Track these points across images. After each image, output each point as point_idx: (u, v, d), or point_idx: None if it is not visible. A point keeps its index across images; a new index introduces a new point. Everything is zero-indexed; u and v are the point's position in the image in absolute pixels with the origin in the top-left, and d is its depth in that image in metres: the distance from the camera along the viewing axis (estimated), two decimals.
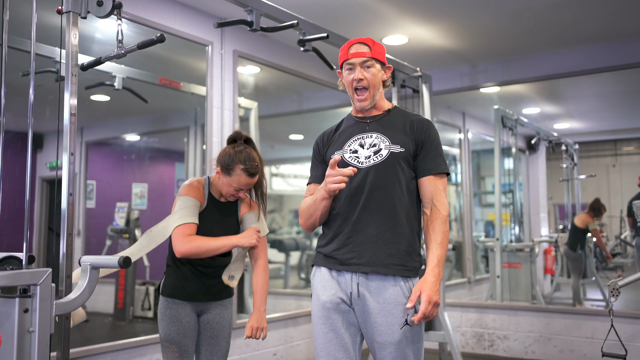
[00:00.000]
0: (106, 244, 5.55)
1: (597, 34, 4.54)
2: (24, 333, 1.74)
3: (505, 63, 5.21)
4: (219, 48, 4.06)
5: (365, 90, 2.05)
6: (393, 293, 1.93)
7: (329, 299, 1.99)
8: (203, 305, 2.46)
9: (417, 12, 4.06)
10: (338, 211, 2.02)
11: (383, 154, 2.00)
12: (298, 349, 4.52)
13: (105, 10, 2.16)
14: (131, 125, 5.96)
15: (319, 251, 2.09)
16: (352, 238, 1.98)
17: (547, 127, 7.13)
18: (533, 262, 5.67)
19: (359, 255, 1.96)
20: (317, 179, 2.16)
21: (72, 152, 2.14)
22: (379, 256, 1.94)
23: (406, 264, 1.96)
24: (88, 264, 2.02)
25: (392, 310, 1.92)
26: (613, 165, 8.08)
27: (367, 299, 1.95)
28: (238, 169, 2.36)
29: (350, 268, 1.97)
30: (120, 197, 5.74)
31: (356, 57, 2.03)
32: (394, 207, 1.97)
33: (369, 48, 2.04)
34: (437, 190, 1.99)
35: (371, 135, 2.05)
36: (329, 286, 2.01)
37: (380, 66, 2.08)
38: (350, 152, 2.05)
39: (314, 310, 2.03)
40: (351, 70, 2.05)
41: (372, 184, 1.98)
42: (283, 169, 9.12)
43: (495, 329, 4.96)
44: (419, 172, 2.02)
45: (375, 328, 1.93)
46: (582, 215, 6.29)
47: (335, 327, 1.97)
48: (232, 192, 2.42)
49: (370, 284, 1.95)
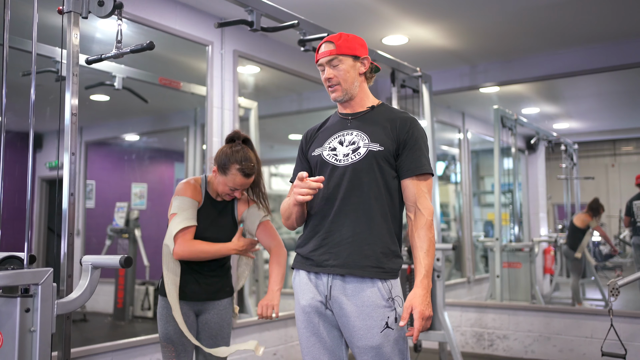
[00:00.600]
0: (106, 244, 5.55)
1: (596, 34, 4.55)
2: (25, 333, 1.74)
3: (504, 63, 5.22)
4: (219, 48, 4.06)
5: (337, 86, 2.00)
6: (371, 295, 1.87)
7: (307, 302, 1.96)
8: (201, 305, 2.47)
9: (417, 12, 4.07)
10: (315, 211, 1.99)
11: (361, 152, 1.93)
12: (298, 349, 4.52)
13: (106, 11, 2.16)
14: (131, 125, 5.96)
15: (297, 252, 2.05)
16: (328, 239, 1.93)
17: (546, 127, 7.13)
18: (532, 262, 5.68)
19: (335, 257, 1.91)
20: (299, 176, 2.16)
21: (73, 152, 2.14)
22: (354, 258, 1.89)
23: (383, 266, 1.90)
24: (89, 264, 2.03)
25: (371, 313, 1.86)
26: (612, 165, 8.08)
27: (343, 302, 1.89)
28: (234, 169, 2.37)
29: (326, 270, 1.92)
30: (120, 197, 5.74)
31: (322, 57, 1.99)
32: (371, 207, 1.91)
33: (333, 45, 1.97)
34: (420, 192, 1.92)
35: (351, 132, 2.00)
36: (307, 290, 1.97)
37: (353, 59, 1.99)
38: (329, 149, 2.00)
39: (296, 315, 2.01)
40: (322, 71, 2.03)
41: (348, 183, 1.92)
42: (282, 169, 9.12)
43: (495, 329, 4.96)
44: (401, 173, 1.95)
45: (355, 332, 1.88)
46: (581, 215, 6.30)
47: (317, 331, 1.94)
48: (228, 192, 2.42)
49: (347, 287, 1.90)
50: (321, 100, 5.93)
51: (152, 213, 5.80)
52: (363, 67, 2.03)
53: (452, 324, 4.97)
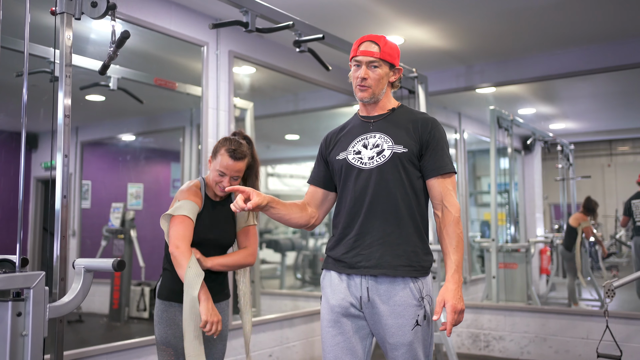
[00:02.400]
0: (101, 245, 5.53)
1: (592, 35, 4.55)
2: (17, 337, 1.73)
3: (501, 64, 5.22)
4: (215, 49, 4.05)
5: (368, 87, 2.03)
6: (403, 296, 1.93)
7: (337, 303, 2.00)
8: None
9: (412, 13, 4.06)
10: (344, 214, 2.03)
11: (386, 154, 1.98)
12: (294, 350, 4.51)
13: (100, 12, 2.15)
14: (126, 125, 5.94)
15: (328, 255, 2.09)
16: (359, 241, 1.98)
17: (542, 128, 7.14)
18: (529, 263, 5.68)
19: (367, 258, 1.96)
20: (314, 180, 2.19)
21: (66, 154, 2.12)
22: (386, 258, 1.94)
23: (414, 265, 1.96)
24: (82, 267, 2.01)
25: (403, 312, 1.93)
26: (608, 165, 8.09)
27: (377, 303, 1.95)
28: (222, 150, 2.37)
29: (360, 271, 1.97)
30: (116, 197, 5.72)
31: (363, 56, 2.02)
32: (399, 207, 1.96)
33: (378, 48, 2.01)
34: (446, 190, 1.98)
35: (374, 135, 2.04)
36: (338, 290, 2.01)
37: (389, 68, 2.05)
38: (354, 153, 2.04)
39: (323, 314, 2.04)
40: (357, 68, 2.04)
41: (375, 185, 1.97)
42: (279, 169, 9.11)
43: (491, 330, 4.96)
44: (425, 173, 2.01)
45: (387, 330, 1.94)
46: (576, 215, 6.31)
47: (344, 331, 1.98)
48: (217, 179, 2.38)
49: (380, 287, 1.95)
50: (317, 101, 5.93)
51: (148, 213, 5.78)
52: (394, 77, 2.09)
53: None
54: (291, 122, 6.98)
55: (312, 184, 2.20)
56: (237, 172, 2.40)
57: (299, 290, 7.25)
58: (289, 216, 2.08)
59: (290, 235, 8.77)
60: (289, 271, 7.86)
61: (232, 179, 2.39)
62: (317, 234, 8.57)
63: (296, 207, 2.11)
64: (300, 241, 8.00)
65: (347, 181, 2.04)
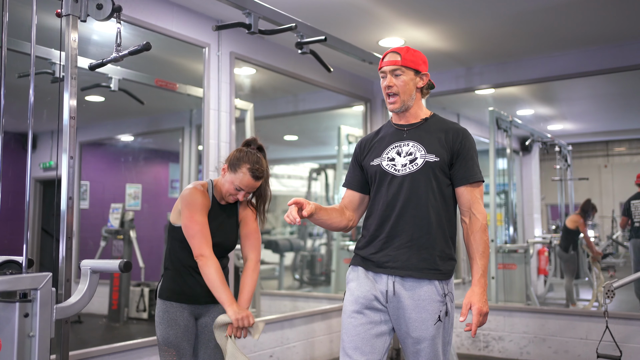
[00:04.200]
0: (100, 245, 5.53)
1: (590, 37, 4.57)
2: (24, 338, 1.73)
3: (500, 65, 5.24)
4: (216, 50, 4.05)
5: (396, 95, 2.12)
6: (427, 290, 2.02)
7: (363, 294, 2.08)
8: (201, 308, 2.45)
9: (413, 15, 4.08)
10: (375, 217, 2.12)
11: (419, 162, 2.07)
12: (294, 350, 4.52)
13: (105, 14, 2.16)
14: (125, 125, 5.94)
15: (356, 253, 2.18)
16: (388, 243, 2.07)
17: (540, 129, 7.17)
18: (527, 263, 5.70)
19: (394, 259, 2.05)
20: (349, 183, 2.28)
21: (71, 156, 2.13)
22: (412, 261, 2.03)
23: (439, 268, 2.04)
24: (88, 268, 2.02)
25: (426, 306, 2.01)
26: (605, 166, 8.15)
27: (402, 296, 2.03)
28: (244, 168, 2.38)
29: (387, 271, 2.06)
30: (114, 197, 5.72)
31: (387, 66, 2.13)
32: (428, 214, 2.05)
33: (400, 56, 2.12)
34: (474, 198, 2.07)
35: (408, 143, 2.13)
36: (364, 283, 2.10)
37: (414, 74, 2.13)
38: (388, 159, 2.14)
39: (346, 305, 2.11)
40: (384, 79, 2.14)
41: (407, 191, 2.06)
42: (277, 170, 9.12)
43: (490, 330, 4.98)
44: (455, 181, 2.10)
45: (410, 324, 2.02)
46: (573, 216, 6.33)
47: (365, 322, 2.06)
48: (232, 192, 2.40)
49: (406, 284, 2.04)
50: (316, 102, 5.94)
51: (146, 214, 5.78)
52: (421, 82, 2.16)
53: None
54: (290, 123, 6.99)
55: (349, 188, 2.28)
56: (252, 189, 2.43)
57: (298, 291, 7.26)
58: (330, 221, 2.16)
59: (288, 236, 8.78)
60: (287, 271, 7.87)
61: (247, 193, 2.42)
62: (314, 235, 8.59)
63: (336, 212, 2.19)
64: (298, 242, 8.01)
65: (380, 186, 2.13)
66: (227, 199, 2.46)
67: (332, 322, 4.91)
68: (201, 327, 2.47)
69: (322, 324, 4.84)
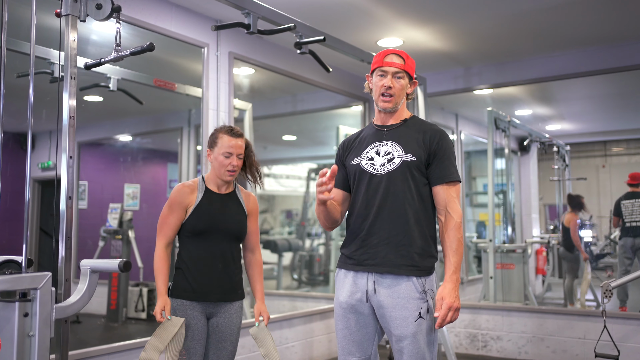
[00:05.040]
0: (99, 245, 5.52)
1: (588, 37, 4.58)
2: (24, 337, 1.73)
3: (498, 66, 5.25)
4: (215, 50, 4.05)
5: (391, 96, 2.18)
6: (406, 288, 2.07)
7: (345, 300, 2.16)
8: (213, 306, 2.45)
9: (412, 15, 4.08)
10: (355, 214, 2.19)
11: (396, 162, 2.14)
12: (293, 350, 4.52)
13: (105, 14, 2.16)
14: (124, 125, 5.94)
15: (342, 252, 2.26)
16: (367, 240, 2.14)
17: (539, 129, 7.18)
18: (526, 263, 5.70)
19: (373, 257, 2.12)
20: (336, 182, 2.30)
21: (70, 155, 2.13)
22: (390, 257, 2.09)
23: (417, 265, 2.10)
24: (87, 268, 2.02)
25: (406, 304, 2.06)
26: (603, 166, 8.15)
27: (381, 295, 2.09)
28: (220, 134, 2.47)
29: (366, 268, 2.12)
30: (113, 198, 5.71)
31: (390, 67, 2.18)
32: (405, 211, 2.11)
33: (403, 61, 2.19)
34: (450, 197, 2.12)
35: (387, 143, 2.20)
36: (347, 288, 2.17)
37: (409, 79, 2.23)
38: (367, 159, 2.20)
39: (335, 308, 2.23)
40: (382, 77, 2.19)
41: (385, 190, 2.12)
42: (275, 170, 9.12)
43: (488, 330, 4.99)
44: (432, 180, 2.15)
45: (392, 322, 2.08)
46: (568, 215, 6.33)
47: (350, 325, 2.15)
48: (225, 163, 2.45)
49: (384, 281, 2.09)
50: (315, 102, 5.94)
51: (145, 214, 5.77)
52: (410, 89, 2.26)
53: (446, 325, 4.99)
54: (289, 123, 6.99)
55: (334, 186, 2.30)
56: (240, 150, 2.48)
57: (296, 291, 7.26)
58: (334, 211, 2.21)
59: (286, 236, 8.78)
60: (285, 272, 7.87)
61: (238, 157, 2.47)
62: (313, 235, 8.59)
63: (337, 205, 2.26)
64: (297, 242, 8.01)
65: (360, 185, 2.19)
66: (225, 177, 2.49)
67: (331, 322, 4.91)
68: (212, 328, 2.47)
69: (321, 323, 4.84)
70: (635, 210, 5.50)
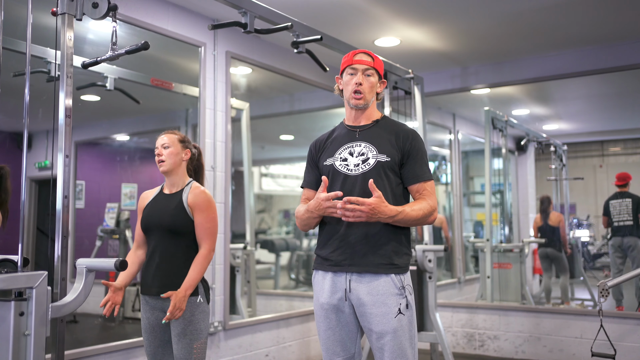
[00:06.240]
0: (96, 245, 5.51)
1: (585, 37, 4.59)
2: (20, 336, 1.73)
3: (495, 65, 5.25)
4: (212, 49, 4.05)
5: (362, 94, 2.21)
6: (385, 285, 2.10)
7: (325, 300, 2.17)
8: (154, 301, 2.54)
9: (409, 15, 4.08)
10: (331, 216, 2.15)
11: (370, 162, 2.16)
12: (290, 350, 4.52)
13: (101, 12, 2.15)
14: (121, 125, 5.92)
15: (317, 254, 2.26)
16: (344, 241, 2.15)
17: (536, 129, 7.19)
18: (523, 263, 5.71)
19: (351, 257, 2.13)
20: (309, 183, 2.34)
21: (67, 155, 2.13)
22: (368, 257, 2.11)
23: (395, 263, 2.13)
24: (84, 267, 2.02)
25: (385, 300, 2.09)
26: (600, 166, 8.16)
27: (360, 293, 2.11)
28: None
29: (344, 269, 2.14)
30: (110, 197, 5.70)
31: (360, 64, 2.22)
32: None
33: (372, 59, 2.24)
34: (426, 191, 2.18)
35: (360, 144, 2.22)
36: (326, 289, 2.18)
37: (378, 78, 2.27)
38: (341, 159, 2.22)
39: (315, 310, 2.24)
40: (353, 75, 2.22)
41: (360, 190, 2.13)
42: (273, 169, 9.12)
43: (485, 329, 4.99)
44: (406, 180, 2.20)
45: (372, 319, 2.09)
46: (554, 215, 6.35)
47: (332, 326, 2.17)
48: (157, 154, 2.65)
49: (363, 279, 2.12)
50: (312, 101, 5.94)
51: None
52: (379, 88, 2.30)
53: (443, 324, 5.00)
54: (286, 122, 6.99)
55: (309, 188, 2.34)
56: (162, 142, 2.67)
57: (293, 291, 7.26)
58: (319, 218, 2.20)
59: (284, 236, 8.78)
60: (283, 271, 7.86)
61: (163, 148, 2.64)
62: (310, 235, 8.59)
63: None
64: (294, 241, 8.01)
65: (333, 186, 2.19)
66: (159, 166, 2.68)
67: None
68: (161, 323, 2.54)
69: None
70: (622, 210, 5.55)
